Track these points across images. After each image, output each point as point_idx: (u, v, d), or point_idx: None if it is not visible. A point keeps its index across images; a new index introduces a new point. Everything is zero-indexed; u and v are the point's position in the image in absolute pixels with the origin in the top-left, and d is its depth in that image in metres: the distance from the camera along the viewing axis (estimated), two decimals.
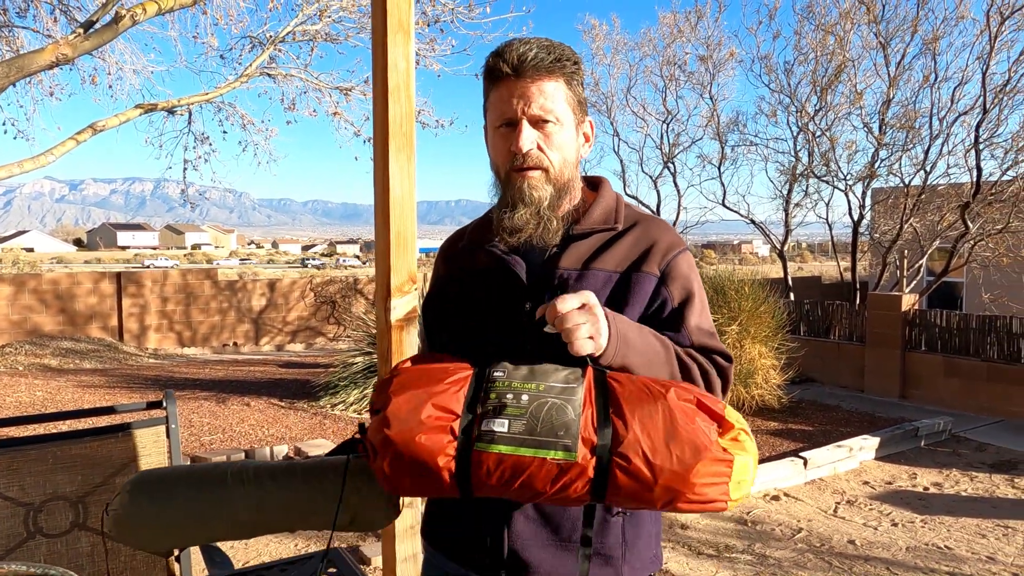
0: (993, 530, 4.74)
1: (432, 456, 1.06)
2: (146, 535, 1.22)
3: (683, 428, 1.06)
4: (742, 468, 1.08)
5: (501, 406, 1.08)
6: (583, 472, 1.05)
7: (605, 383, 1.12)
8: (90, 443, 2.12)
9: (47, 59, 5.78)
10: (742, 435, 1.10)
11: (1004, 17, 9.70)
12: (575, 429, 1.06)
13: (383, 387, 1.15)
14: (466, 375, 1.13)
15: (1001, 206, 10.12)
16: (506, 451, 1.05)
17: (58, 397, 7.46)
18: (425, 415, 1.08)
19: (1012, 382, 7.90)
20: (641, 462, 1.04)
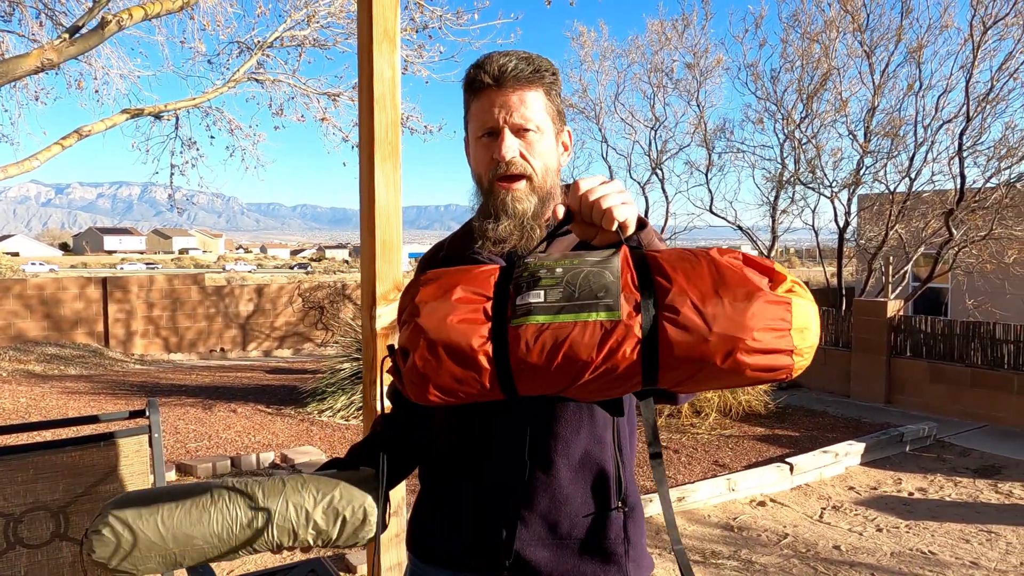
0: (977, 535, 4.78)
1: (466, 337, 1.00)
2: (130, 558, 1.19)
3: (731, 276, 0.99)
4: (802, 312, 0.98)
5: (535, 279, 1.03)
6: (629, 331, 0.97)
7: (643, 254, 1.06)
8: (72, 452, 2.11)
9: (32, 64, 5.75)
10: (796, 286, 1.01)
11: (987, 27, 9.82)
12: (616, 288, 0.99)
13: (410, 286, 1.10)
14: (496, 266, 1.09)
15: (984, 213, 10.22)
16: (543, 320, 0.99)
17: (42, 404, 7.39)
18: (456, 297, 1.03)
19: (995, 388, 7.97)
20: (691, 311, 0.96)
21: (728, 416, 7.36)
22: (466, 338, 1.00)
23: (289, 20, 9.14)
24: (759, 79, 12.74)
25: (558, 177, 1.36)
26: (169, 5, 6.21)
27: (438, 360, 1.00)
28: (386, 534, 2.17)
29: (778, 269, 1.02)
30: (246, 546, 1.20)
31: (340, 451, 5.96)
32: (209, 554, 1.20)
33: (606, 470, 1.28)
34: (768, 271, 1.01)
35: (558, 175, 1.35)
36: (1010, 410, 7.83)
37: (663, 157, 14.21)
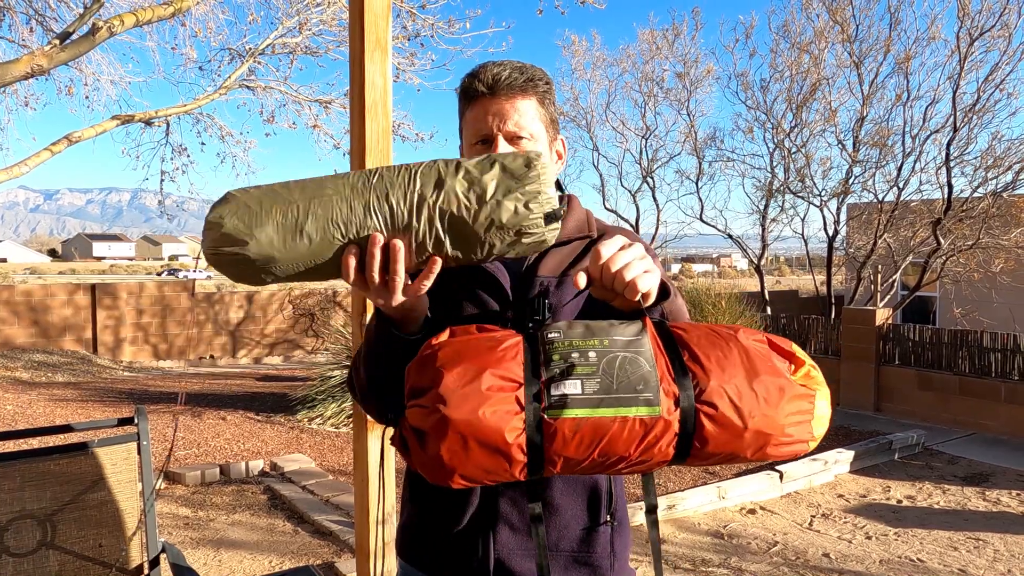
0: (965, 543, 4.81)
1: (500, 432, 0.95)
2: (248, 213, 1.02)
3: (762, 367, 1.00)
4: (822, 403, 1.03)
5: (570, 367, 0.98)
6: (668, 427, 0.97)
7: (669, 331, 1.05)
8: (59, 460, 2.10)
9: (22, 70, 5.73)
10: (812, 371, 1.05)
11: (973, 39, 9.94)
12: (654, 381, 0.97)
13: (426, 363, 1.01)
14: (517, 340, 1.03)
15: (972, 222, 10.32)
16: (583, 415, 0.95)
17: (29, 411, 7.33)
18: (486, 386, 0.96)
19: (983, 396, 8.03)
20: (729, 407, 0.97)
21: None
22: (500, 433, 0.95)
23: (281, 27, 9.14)
24: (749, 88, 12.85)
25: None
26: (160, 12, 6.21)
27: (467, 453, 0.96)
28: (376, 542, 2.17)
29: (797, 353, 1.05)
30: (384, 197, 1.02)
31: (331, 459, 5.94)
32: (337, 209, 1.02)
33: (598, 483, 1.29)
34: (789, 356, 1.05)
35: None
36: (997, 418, 7.88)
37: (654, 165, 14.29)
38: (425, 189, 1.03)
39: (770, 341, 1.05)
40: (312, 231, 1.02)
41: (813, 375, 1.05)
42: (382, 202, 1.03)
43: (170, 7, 6.24)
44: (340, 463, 5.82)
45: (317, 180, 1.06)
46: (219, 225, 1.03)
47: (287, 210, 1.03)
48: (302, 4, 8.93)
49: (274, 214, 1.02)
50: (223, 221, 1.03)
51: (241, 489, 5.15)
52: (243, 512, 4.72)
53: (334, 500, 4.81)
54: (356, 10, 2.01)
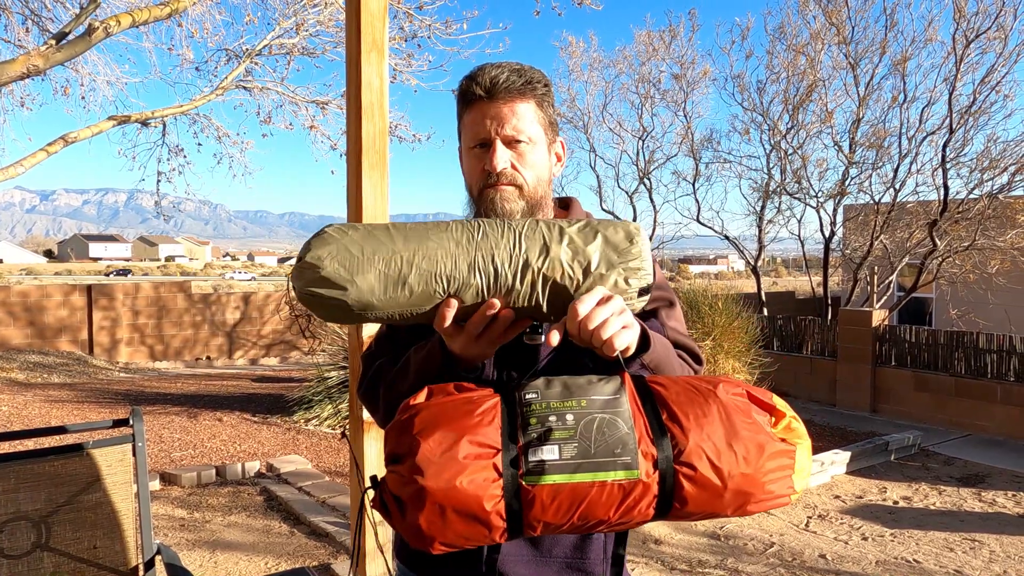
0: (961, 543, 4.81)
1: (478, 501, 0.94)
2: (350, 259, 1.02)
3: (741, 425, 0.99)
4: (803, 457, 1.03)
5: (547, 431, 0.97)
6: (647, 490, 0.97)
7: (648, 388, 1.04)
8: (55, 461, 2.09)
9: (18, 70, 5.72)
10: (793, 422, 1.05)
11: (969, 40, 9.96)
12: (632, 444, 0.97)
13: (404, 429, 1.01)
14: (494, 402, 1.02)
15: (968, 224, 10.34)
16: (561, 480, 0.95)
17: (24, 412, 7.31)
18: (463, 454, 0.95)
19: (979, 397, 8.04)
20: (708, 468, 0.97)
21: None
22: (478, 501, 0.95)
23: (278, 28, 9.14)
24: (745, 90, 12.86)
25: (550, 188, 1.36)
26: (157, 12, 6.20)
27: (445, 521, 0.96)
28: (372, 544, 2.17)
29: (777, 405, 1.05)
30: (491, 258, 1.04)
31: (327, 460, 5.93)
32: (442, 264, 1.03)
33: None
34: (769, 408, 1.04)
35: (550, 185, 1.36)
36: (993, 419, 7.90)
37: (651, 167, 14.30)
38: (530, 254, 1.05)
39: (750, 394, 1.05)
40: (415, 283, 1.03)
41: (794, 427, 1.04)
42: (487, 263, 1.04)
43: (166, 8, 6.24)
44: (336, 464, 5.81)
45: (419, 229, 1.07)
46: (318, 268, 1.02)
47: (391, 259, 1.03)
48: (299, 5, 8.93)
49: (376, 262, 1.03)
50: (323, 264, 1.02)
51: (237, 490, 5.14)
52: (239, 513, 4.71)
53: (330, 501, 4.81)
54: (352, 11, 2.01)
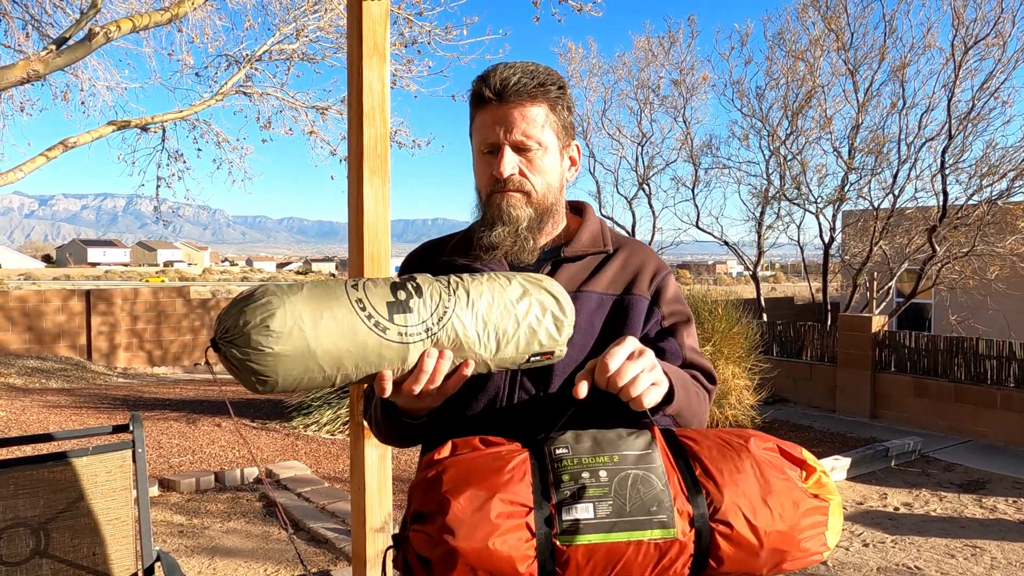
0: (962, 550, 4.80)
1: (511, 563, 0.91)
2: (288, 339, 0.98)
3: (775, 481, 0.97)
4: (835, 512, 1.01)
5: (581, 488, 0.94)
6: (684, 549, 0.94)
7: (679, 443, 1.03)
8: (53, 467, 2.08)
9: (18, 75, 5.72)
10: (823, 477, 1.03)
11: (968, 47, 9.99)
12: (667, 501, 0.94)
13: (432, 487, 0.97)
14: (523, 458, 0.99)
15: (967, 230, 10.35)
16: (596, 540, 0.92)
17: (22, 418, 7.29)
18: (495, 514, 0.92)
19: (979, 403, 8.03)
20: (744, 526, 0.94)
21: None
22: (511, 563, 0.91)
23: (278, 34, 9.15)
24: (745, 96, 12.88)
25: (562, 193, 1.34)
26: (157, 18, 6.20)
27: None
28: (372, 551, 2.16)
29: (808, 460, 1.03)
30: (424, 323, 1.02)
31: (326, 466, 5.91)
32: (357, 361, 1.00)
33: None
34: (800, 463, 1.03)
35: (562, 191, 1.34)
36: (993, 425, 7.89)
37: (650, 173, 14.31)
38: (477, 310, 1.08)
39: (780, 449, 1.03)
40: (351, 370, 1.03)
41: (824, 482, 1.03)
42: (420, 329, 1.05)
43: (167, 13, 6.24)
44: (336, 470, 5.80)
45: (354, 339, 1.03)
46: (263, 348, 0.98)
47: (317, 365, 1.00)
48: (299, 11, 8.95)
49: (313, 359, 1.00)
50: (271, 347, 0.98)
51: (236, 496, 5.12)
52: (238, 520, 4.69)
53: (330, 507, 4.79)
54: (354, 16, 2.00)
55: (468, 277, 1.10)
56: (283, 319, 0.97)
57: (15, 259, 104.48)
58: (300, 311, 0.99)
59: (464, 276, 1.11)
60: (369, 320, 1.01)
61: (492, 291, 1.09)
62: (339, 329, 1.00)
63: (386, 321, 1.01)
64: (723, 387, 7.30)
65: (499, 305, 1.08)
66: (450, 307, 1.05)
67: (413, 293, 1.04)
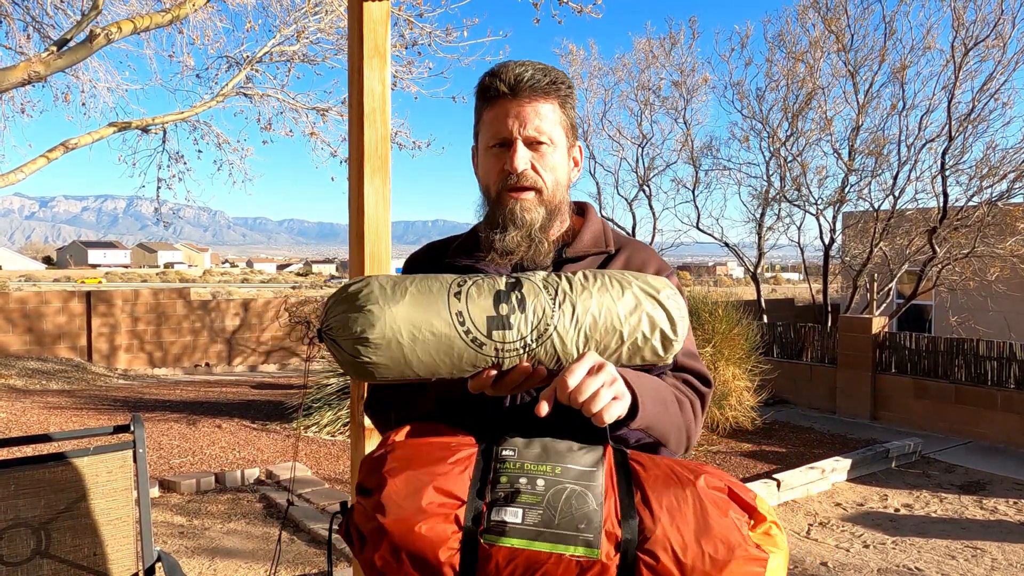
0: (962, 551, 4.80)
1: (433, 549, 0.93)
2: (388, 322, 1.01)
3: (715, 522, 0.96)
4: (776, 568, 0.97)
5: (514, 492, 0.96)
6: (605, 571, 0.93)
7: (627, 465, 1.02)
8: (54, 468, 2.08)
9: (19, 76, 5.72)
10: (773, 528, 1.00)
11: (968, 48, 9.99)
12: (597, 521, 0.94)
13: (376, 465, 1.01)
14: (471, 453, 1.01)
15: (967, 231, 10.35)
16: (519, 545, 0.93)
17: (23, 419, 7.29)
18: (426, 501, 0.95)
19: (979, 404, 8.03)
20: (670, 560, 0.93)
21: (715, 432, 7.37)
22: (433, 550, 0.94)
23: (278, 36, 9.16)
24: (745, 97, 12.89)
25: (568, 192, 1.34)
26: (158, 19, 6.21)
27: (399, 564, 0.95)
28: None
29: (759, 508, 1.01)
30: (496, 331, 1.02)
31: (326, 468, 5.91)
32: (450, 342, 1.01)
33: None
34: (750, 509, 1.00)
35: (568, 190, 1.34)
36: (993, 426, 7.89)
37: (650, 174, 14.31)
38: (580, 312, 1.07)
39: (731, 491, 1.01)
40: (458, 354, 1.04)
41: (773, 534, 1.00)
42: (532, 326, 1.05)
43: (168, 14, 6.25)
44: (336, 471, 5.80)
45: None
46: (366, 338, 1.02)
47: None
48: (300, 12, 8.96)
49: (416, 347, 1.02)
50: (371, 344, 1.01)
51: (236, 497, 5.13)
52: (238, 521, 4.69)
53: (330, 508, 4.79)
54: (355, 18, 2.01)
55: (580, 284, 1.07)
56: (382, 331, 1.00)
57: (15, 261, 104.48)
58: (399, 324, 1.01)
59: (576, 282, 1.07)
60: (467, 336, 1.02)
61: (601, 304, 1.05)
62: (436, 344, 1.01)
63: (483, 337, 1.02)
64: (723, 388, 7.30)
65: (605, 321, 1.05)
66: (553, 323, 1.03)
67: (516, 308, 1.03)
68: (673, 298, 1.10)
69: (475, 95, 1.31)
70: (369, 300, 1.02)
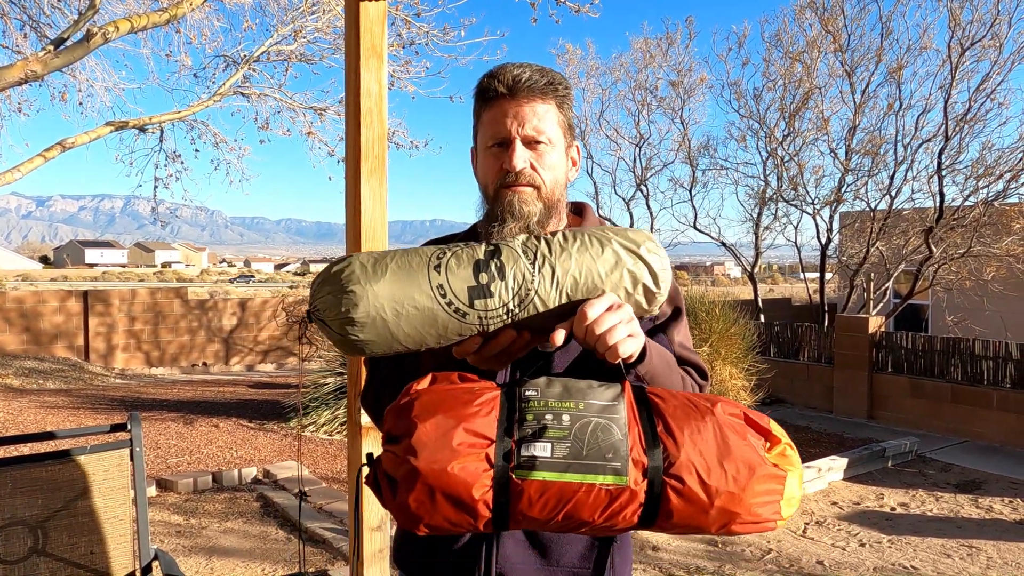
0: (958, 550, 4.82)
1: (467, 488, 0.96)
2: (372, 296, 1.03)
3: (735, 445, 1.00)
4: (792, 484, 1.03)
5: (542, 428, 0.99)
6: (634, 497, 0.97)
7: (647, 399, 1.05)
8: (51, 466, 2.08)
9: (16, 75, 5.72)
10: (788, 450, 1.05)
11: (964, 48, 10.01)
12: (624, 451, 0.98)
13: (402, 412, 1.03)
14: (494, 395, 1.04)
15: (963, 231, 10.37)
16: (550, 478, 0.96)
17: (20, 418, 7.28)
18: (457, 442, 0.97)
19: (975, 403, 8.05)
20: (696, 483, 0.98)
21: None
22: (467, 488, 0.97)
23: (276, 35, 9.16)
24: (742, 97, 12.90)
25: (566, 191, 1.35)
26: (156, 18, 6.21)
27: (434, 504, 0.98)
28: (370, 549, 2.16)
29: (774, 431, 1.05)
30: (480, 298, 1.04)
31: (324, 466, 5.92)
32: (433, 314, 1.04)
33: None
34: (765, 433, 1.05)
35: (566, 189, 1.35)
36: (989, 425, 7.91)
37: (648, 174, 14.33)
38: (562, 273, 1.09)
39: (747, 416, 1.05)
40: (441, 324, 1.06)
41: (788, 455, 1.04)
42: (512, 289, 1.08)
43: (165, 13, 6.24)
44: (333, 470, 5.80)
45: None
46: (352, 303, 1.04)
47: None
48: (297, 12, 8.95)
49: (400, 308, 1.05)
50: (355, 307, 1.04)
51: (234, 496, 5.13)
52: (236, 520, 4.70)
53: (327, 508, 4.80)
54: (352, 17, 2.01)
55: (559, 245, 1.09)
56: (366, 309, 1.04)
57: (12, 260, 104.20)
58: (382, 301, 1.04)
59: (555, 244, 1.09)
60: (449, 307, 1.05)
61: (581, 264, 1.07)
62: (420, 317, 1.05)
63: (465, 307, 1.05)
64: (720, 387, 7.31)
65: (585, 281, 1.07)
66: (533, 287, 1.06)
67: (496, 276, 1.05)
68: (654, 251, 1.12)
69: (474, 96, 1.33)
70: (351, 280, 1.04)
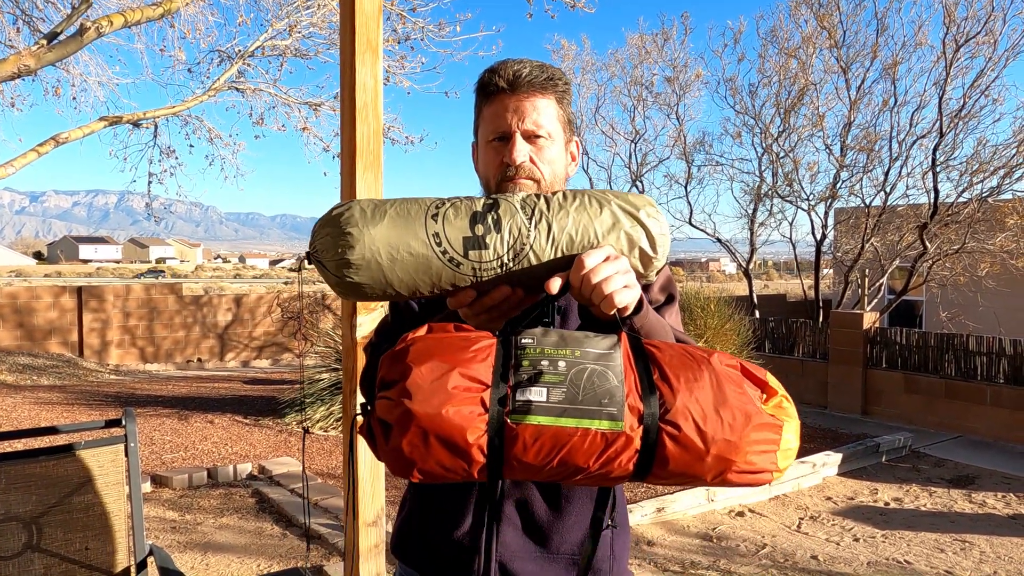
0: (951, 544, 4.84)
1: (462, 431, 0.95)
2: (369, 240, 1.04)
3: (731, 394, 1.00)
4: (789, 434, 1.03)
5: (537, 373, 0.99)
6: (629, 443, 0.97)
7: (643, 349, 1.05)
8: (45, 462, 2.08)
9: (9, 70, 5.69)
10: (784, 402, 1.05)
11: (959, 45, 10.04)
12: (620, 396, 0.98)
13: (397, 357, 1.02)
14: (490, 343, 1.03)
15: (957, 227, 10.41)
16: (545, 422, 0.96)
17: (14, 414, 7.26)
18: (452, 385, 0.97)
19: (969, 399, 8.09)
20: (692, 430, 0.97)
21: None
22: (461, 432, 0.96)
23: (270, 30, 9.12)
24: (738, 93, 12.91)
25: (565, 185, 1.36)
26: (149, 13, 6.18)
27: (427, 448, 0.97)
28: (365, 544, 2.17)
29: (770, 382, 1.06)
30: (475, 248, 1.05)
31: (319, 462, 5.92)
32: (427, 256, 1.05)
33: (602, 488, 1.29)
34: (762, 384, 1.05)
35: (565, 183, 1.36)
36: (983, 421, 7.95)
37: (643, 170, 14.34)
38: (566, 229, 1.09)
39: (743, 368, 1.06)
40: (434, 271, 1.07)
41: (784, 406, 1.05)
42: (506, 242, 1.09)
43: (159, 8, 6.22)
44: (329, 466, 5.80)
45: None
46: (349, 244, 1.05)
47: None
48: (292, 6, 8.92)
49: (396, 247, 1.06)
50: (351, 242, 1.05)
51: (229, 492, 5.12)
52: (231, 515, 4.69)
53: (323, 503, 4.80)
54: (347, 12, 2.01)
55: (558, 204, 1.09)
56: (361, 252, 1.05)
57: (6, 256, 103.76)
58: (379, 245, 1.05)
59: (554, 202, 1.09)
60: (444, 256, 1.05)
61: (578, 223, 1.08)
62: (414, 263, 1.06)
63: (460, 257, 1.06)
64: None
65: (582, 239, 1.08)
66: (529, 242, 1.06)
67: (492, 228, 1.06)
68: (653, 216, 1.12)
69: (475, 92, 1.34)
70: (350, 223, 1.06)
